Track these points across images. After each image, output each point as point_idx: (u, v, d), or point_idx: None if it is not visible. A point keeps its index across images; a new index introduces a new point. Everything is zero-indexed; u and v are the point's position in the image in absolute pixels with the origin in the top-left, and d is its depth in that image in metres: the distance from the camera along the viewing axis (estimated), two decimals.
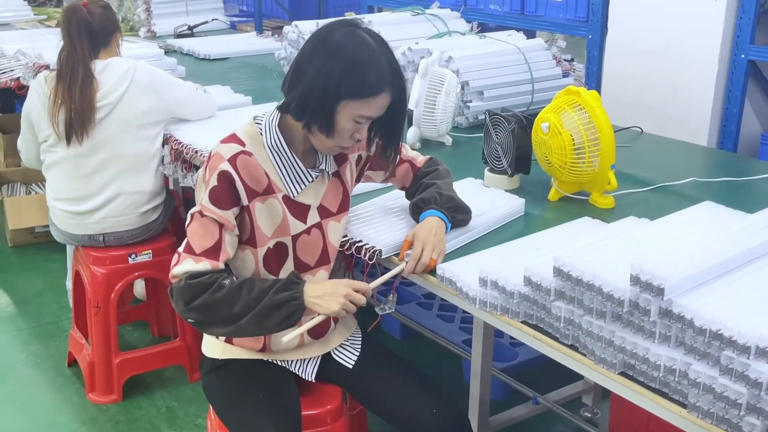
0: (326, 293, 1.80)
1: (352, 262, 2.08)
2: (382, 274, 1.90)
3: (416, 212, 2.01)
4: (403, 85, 1.83)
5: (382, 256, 1.94)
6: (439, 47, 3.08)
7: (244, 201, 1.83)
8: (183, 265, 1.79)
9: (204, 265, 1.79)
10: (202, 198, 1.82)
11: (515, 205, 2.18)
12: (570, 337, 1.54)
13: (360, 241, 2.00)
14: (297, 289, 1.79)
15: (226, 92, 3.46)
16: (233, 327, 1.79)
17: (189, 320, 1.83)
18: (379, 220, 2.12)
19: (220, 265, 1.81)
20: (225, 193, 1.80)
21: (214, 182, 1.80)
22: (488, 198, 2.22)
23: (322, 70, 1.74)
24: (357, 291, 1.82)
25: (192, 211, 1.84)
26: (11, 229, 4.30)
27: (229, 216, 1.81)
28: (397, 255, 1.95)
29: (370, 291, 1.85)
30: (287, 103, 1.82)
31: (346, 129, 1.79)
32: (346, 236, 2.02)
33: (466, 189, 2.22)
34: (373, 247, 1.96)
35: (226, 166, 1.81)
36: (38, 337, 3.47)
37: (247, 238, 1.88)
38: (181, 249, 1.82)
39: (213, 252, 1.80)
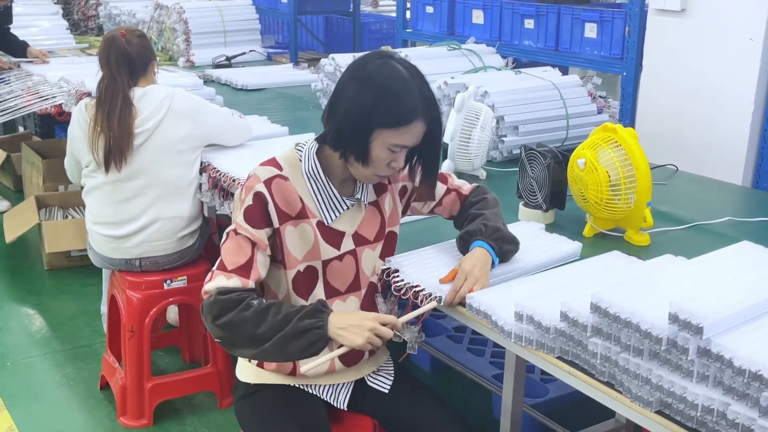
0: (352, 325, 1.78)
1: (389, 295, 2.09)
2: (413, 307, 1.90)
3: (463, 245, 2.01)
4: (438, 113, 1.85)
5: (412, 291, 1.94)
6: (475, 82, 3.11)
7: (276, 224, 1.87)
8: (214, 282, 1.82)
9: (235, 281, 1.81)
10: (237, 217, 1.86)
11: (572, 247, 2.14)
12: (606, 374, 1.54)
13: (396, 272, 2.00)
14: (322, 318, 1.77)
15: (264, 122, 3.51)
16: (257, 350, 1.78)
17: (217, 339, 1.83)
18: (426, 256, 2.10)
19: (251, 283, 1.83)
20: (258, 213, 1.85)
21: (249, 201, 1.85)
22: (547, 240, 2.19)
23: (356, 100, 1.79)
24: (385, 324, 1.80)
25: (228, 230, 1.88)
26: (48, 253, 4.36)
27: (261, 235, 1.85)
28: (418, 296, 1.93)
29: (399, 325, 1.83)
30: (324, 134, 1.87)
31: (382, 158, 1.83)
32: (388, 268, 2.03)
33: (526, 232, 2.20)
34: (407, 283, 1.95)
35: (261, 188, 1.85)
36: (72, 360, 3.51)
37: (280, 260, 1.92)
38: (214, 267, 1.86)
39: (244, 270, 1.82)
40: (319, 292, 1.97)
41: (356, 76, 1.82)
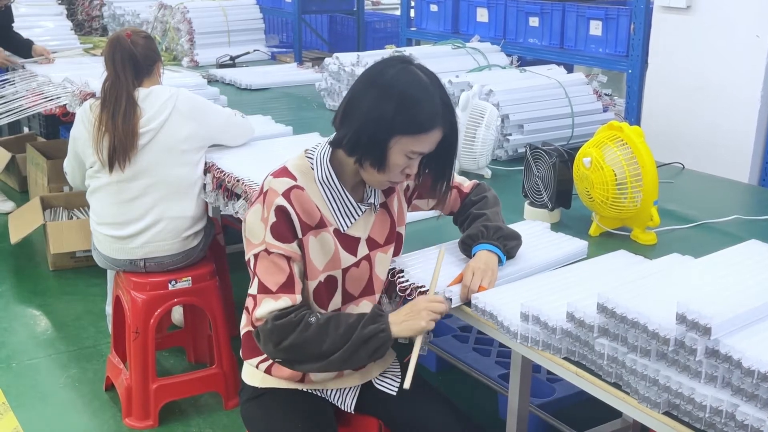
0: (409, 314, 1.81)
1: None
2: None
3: (466, 250, 2.01)
4: (455, 120, 1.85)
5: (423, 290, 1.94)
6: (480, 80, 3.10)
7: (299, 234, 1.85)
8: (264, 306, 1.81)
9: (284, 301, 1.81)
10: (264, 236, 1.83)
11: (578, 246, 2.13)
12: (613, 375, 1.52)
13: (401, 272, 1.99)
14: (383, 321, 1.80)
15: (267, 122, 3.50)
16: (324, 362, 1.81)
17: (278, 360, 1.88)
18: (430, 256, 2.08)
19: (298, 297, 1.83)
20: (285, 227, 1.82)
21: (273, 218, 1.82)
22: (552, 239, 2.18)
23: (376, 106, 1.77)
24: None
25: (254, 251, 1.84)
26: (53, 253, 4.36)
27: (294, 248, 1.84)
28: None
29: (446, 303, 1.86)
30: (339, 138, 1.84)
31: (398, 164, 1.81)
32: (395, 268, 2.02)
33: (531, 231, 2.19)
34: (412, 283, 1.95)
35: (282, 201, 1.82)
36: (77, 361, 3.51)
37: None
38: (254, 291, 1.84)
39: (288, 287, 1.82)
40: (337, 300, 1.96)
41: (376, 81, 1.81)
